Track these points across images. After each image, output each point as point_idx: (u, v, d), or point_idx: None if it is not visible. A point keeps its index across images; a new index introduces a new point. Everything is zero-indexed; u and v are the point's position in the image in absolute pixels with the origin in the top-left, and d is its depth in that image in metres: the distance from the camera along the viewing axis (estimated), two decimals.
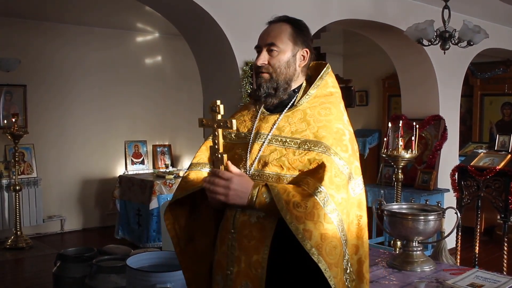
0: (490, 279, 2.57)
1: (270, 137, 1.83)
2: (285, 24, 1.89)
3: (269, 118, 1.88)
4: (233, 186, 1.73)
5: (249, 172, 1.82)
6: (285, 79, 1.86)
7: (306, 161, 1.75)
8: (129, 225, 6.58)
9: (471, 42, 4.73)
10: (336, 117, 1.83)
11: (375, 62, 8.80)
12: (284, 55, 1.85)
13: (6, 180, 6.75)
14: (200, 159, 1.99)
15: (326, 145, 1.75)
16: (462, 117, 7.54)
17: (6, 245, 6.40)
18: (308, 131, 1.79)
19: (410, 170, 6.13)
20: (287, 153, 1.78)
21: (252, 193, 1.74)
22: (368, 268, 1.85)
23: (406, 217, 2.87)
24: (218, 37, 4.30)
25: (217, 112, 1.76)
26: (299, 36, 1.88)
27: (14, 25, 6.83)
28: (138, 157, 7.94)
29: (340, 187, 1.71)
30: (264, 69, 1.86)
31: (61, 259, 3.88)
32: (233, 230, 1.81)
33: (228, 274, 1.81)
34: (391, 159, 4.48)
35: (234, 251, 1.80)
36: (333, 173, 1.71)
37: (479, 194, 4.47)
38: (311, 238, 1.63)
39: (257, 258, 1.76)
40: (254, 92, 1.88)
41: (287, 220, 1.65)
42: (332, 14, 4.98)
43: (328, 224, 1.65)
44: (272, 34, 1.87)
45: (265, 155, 1.81)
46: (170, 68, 8.32)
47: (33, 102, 7.05)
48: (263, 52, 1.87)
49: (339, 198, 1.70)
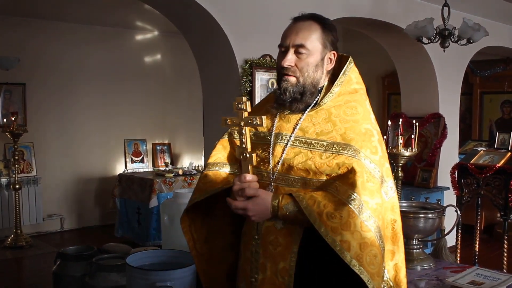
0: (490, 277, 2.57)
1: (293, 138, 1.73)
2: (314, 24, 1.76)
3: (291, 118, 1.77)
4: (250, 207, 1.66)
5: (273, 176, 1.73)
6: (312, 83, 1.74)
7: (335, 165, 1.65)
8: (129, 223, 6.58)
9: (471, 40, 4.72)
10: (363, 117, 1.73)
11: (375, 60, 8.79)
12: (313, 58, 1.73)
13: (6, 179, 6.75)
14: (217, 159, 1.90)
15: (355, 148, 1.66)
16: (462, 115, 7.54)
17: (6, 243, 6.39)
18: (334, 132, 1.69)
19: (410, 168, 6.12)
20: (313, 156, 1.68)
21: (273, 205, 1.66)
22: (405, 274, 1.78)
23: (406, 215, 2.87)
24: (217, 35, 4.29)
25: (244, 109, 1.68)
26: (328, 38, 1.76)
27: (13, 23, 6.82)
28: (138, 155, 7.93)
29: (373, 192, 1.63)
30: (290, 71, 1.73)
31: (61, 258, 3.87)
32: (257, 236, 1.74)
33: (253, 282, 1.75)
34: (391, 157, 4.46)
35: (259, 258, 1.73)
36: (365, 178, 1.62)
37: (479, 192, 4.47)
38: (350, 249, 1.55)
39: (284, 266, 1.69)
40: (279, 97, 1.75)
41: (322, 233, 1.56)
42: (331, 12, 4.98)
43: (366, 233, 1.58)
44: (301, 34, 1.73)
45: (289, 158, 1.71)
46: (169, 66, 8.31)
47: (32, 101, 7.04)
48: (290, 52, 1.73)
49: (374, 204, 1.61)
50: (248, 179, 1.67)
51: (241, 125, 1.69)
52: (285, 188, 1.71)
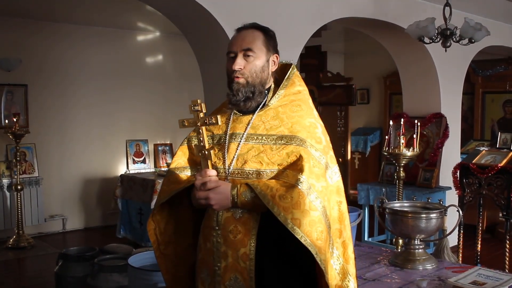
0: (492, 277, 2.56)
1: (245, 136, 1.92)
2: (257, 31, 1.98)
3: (242, 119, 1.97)
4: (212, 196, 1.82)
5: (229, 170, 1.90)
6: (260, 82, 1.94)
7: (285, 154, 1.84)
8: (131, 224, 6.59)
9: (473, 40, 4.72)
10: (306, 113, 1.94)
11: (376, 60, 8.80)
12: (260, 60, 1.94)
13: (8, 180, 6.75)
14: (177, 164, 2.07)
15: (301, 139, 1.86)
16: (464, 115, 7.54)
17: (8, 244, 6.40)
18: (282, 127, 1.89)
19: (412, 168, 6.12)
20: (264, 149, 1.87)
21: (232, 194, 1.83)
22: (352, 249, 1.97)
23: (408, 215, 2.87)
24: (219, 36, 4.29)
25: (200, 111, 1.84)
26: (270, 42, 1.98)
27: (15, 25, 6.83)
28: (140, 156, 7.94)
29: (319, 176, 1.82)
30: (239, 74, 1.92)
31: (63, 259, 3.88)
32: (217, 227, 1.89)
33: (216, 270, 1.88)
34: (393, 157, 4.48)
35: (220, 247, 1.88)
36: (311, 163, 1.82)
37: (481, 192, 4.47)
38: (300, 225, 1.73)
39: (245, 251, 1.85)
40: (232, 98, 1.93)
41: (275, 212, 1.74)
42: (333, 12, 4.98)
43: (313, 211, 1.76)
44: (247, 40, 1.95)
45: (243, 153, 1.89)
46: (171, 67, 8.32)
47: (34, 102, 7.05)
48: (239, 57, 1.93)
49: (320, 186, 1.81)
50: (209, 173, 1.84)
51: (198, 125, 1.86)
52: (241, 180, 1.87)
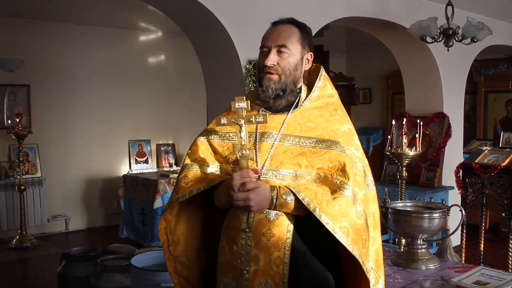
0: (496, 276, 2.56)
1: (280, 136, 1.84)
2: (294, 27, 1.90)
3: (275, 117, 1.89)
4: (252, 197, 1.71)
5: (262, 171, 1.81)
6: (293, 81, 1.88)
7: (327, 159, 1.78)
8: (134, 224, 6.59)
9: (475, 39, 4.71)
10: (343, 118, 1.90)
11: (379, 59, 8.78)
12: (294, 57, 1.87)
13: (11, 180, 6.76)
14: (196, 159, 1.94)
15: (342, 145, 1.81)
16: (466, 114, 7.51)
17: (11, 244, 6.41)
18: (321, 130, 1.83)
19: (414, 167, 6.11)
20: (303, 151, 1.80)
21: (272, 196, 1.74)
22: (383, 257, 1.95)
23: (410, 214, 2.86)
24: (221, 36, 4.30)
25: (245, 108, 1.77)
26: (305, 40, 1.91)
27: (17, 25, 6.84)
28: (142, 156, 7.94)
29: (360, 184, 1.79)
30: (273, 70, 1.85)
31: (66, 259, 3.89)
32: (248, 229, 1.80)
33: (244, 274, 1.80)
34: (395, 156, 4.47)
35: (250, 250, 1.79)
36: (354, 171, 1.78)
37: (483, 191, 4.46)
38: (349, 235, 1.69)
39: (278, 255, 1.77)
40: (261, 94, 1.86)
41: (322, 220, 1.67)
42: (335, 11, 4.97)
43: (359, 220, 1.73)
44: (283, 35, 1.87)
45: (278, 154, 1.82)
46: (173, 67, 8.32)
47: (36, 102, 7.06)
48: (273, 52, 1.85)
49: (361, 194, 1.77)
50: (251, 174, 1.75)
51: (242, 123, 1.76)
52: (275, 182, 1.79)
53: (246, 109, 1.77)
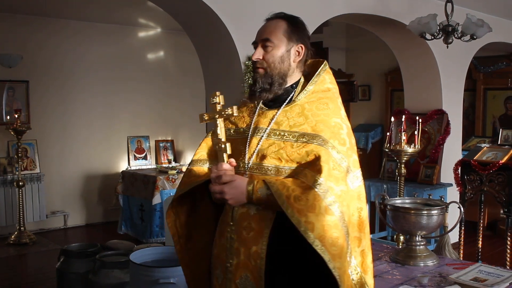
0: (493, 273, 2.57)
1: (268, 131, 1.87)
2: (281, 21, 1.92)
3: (268, 113, 1.92)
4: (226, 190, 1.77)
5: (248, 165, 1.86)
6: (279, 74, 1.89)
7: (304, 153, 1.78)
8: (132, 220, 6.60)
9: (474, 36, 4.71)
10: (333, 112, 1.87)
11: (378, 56, 8.77)
12: (278, 50, 1.88)
13: (9, 176, 6.76)
14: (200, 156, 2.03)
15: (324, 138, 1.79)
16: (465, 112, 7.52)
17: (9, 240, 6.41)
18: (306, 124, 1.83)
19: (413, 164, 6.12)
20: (285, 146, 1.81)
21: (248, 190, 1.78)
22: (371, 260, 1.88)
23: (409, 211, 2.87)
24: (220, 32, 4.29)
25: (218, 103, 1.83)
26: (294, 32, 1.91)
27: (16, 21, 6.83)
28: (141, 152, 7.94)
29: (338, 179, 1.74)
30: (259, 64, 1.89)
31: (65, 255, 3.89)
32: (232, 223, 1.85)
33: (228, 267, 1.84)
34: (394, 153, 4.48)
35: (233, 243, 1.83)
36: (331, 165, 1.74)
37: (482, 188, 4.47)
38: (314, 229, 1.66)
39: (256, 249, 1.79)
40: (250, 87, 1.91)
41: (288, 214, 1.68)
42: (334, 8, 4.97)
43: (329, 216, 1.68)
44: (267, 30, 1.91)
45: (263, 149, 1.85)
46: (172, 63, 8.31)
47: (35, 98, 7.05)
48: (258, 47, 1.90)
49: (338, 190, 1.73)
50: (224, 167, 1.79)
51: (216, 117, 1.83)
52: (259, 176, 1.82)
53: (221, 104, 1.83)
